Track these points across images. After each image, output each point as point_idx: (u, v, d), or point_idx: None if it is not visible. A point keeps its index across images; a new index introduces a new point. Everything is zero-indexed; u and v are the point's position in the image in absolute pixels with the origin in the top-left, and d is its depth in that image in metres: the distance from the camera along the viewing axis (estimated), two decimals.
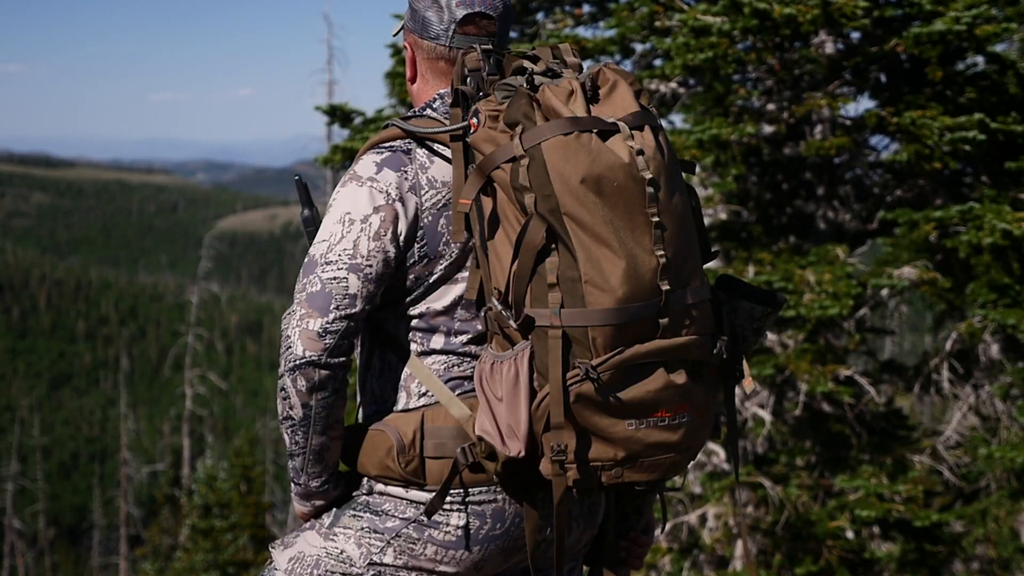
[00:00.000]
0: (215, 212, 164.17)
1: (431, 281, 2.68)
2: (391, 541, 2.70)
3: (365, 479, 2.79)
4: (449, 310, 2.70)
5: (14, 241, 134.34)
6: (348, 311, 2.60)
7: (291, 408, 2.63)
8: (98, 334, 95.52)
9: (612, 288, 2.39)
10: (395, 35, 3.03)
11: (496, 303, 2.51)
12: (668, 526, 9.53)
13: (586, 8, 10.80)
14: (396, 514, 2.71)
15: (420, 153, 2.70)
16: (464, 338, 2.71)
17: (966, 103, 8.56)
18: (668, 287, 2.42)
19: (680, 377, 2.47)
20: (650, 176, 2.42)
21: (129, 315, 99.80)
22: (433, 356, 2.72)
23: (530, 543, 2.66)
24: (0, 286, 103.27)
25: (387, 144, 2.72)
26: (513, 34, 11.24)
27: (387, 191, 2.64)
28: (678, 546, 9.70)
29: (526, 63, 2.64)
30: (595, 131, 2.44)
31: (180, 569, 24.97)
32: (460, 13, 2.75)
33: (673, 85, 9.64)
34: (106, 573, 45.44)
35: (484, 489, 2.68)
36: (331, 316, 2.58)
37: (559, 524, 2.52)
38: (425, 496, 2.70)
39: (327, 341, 2.58)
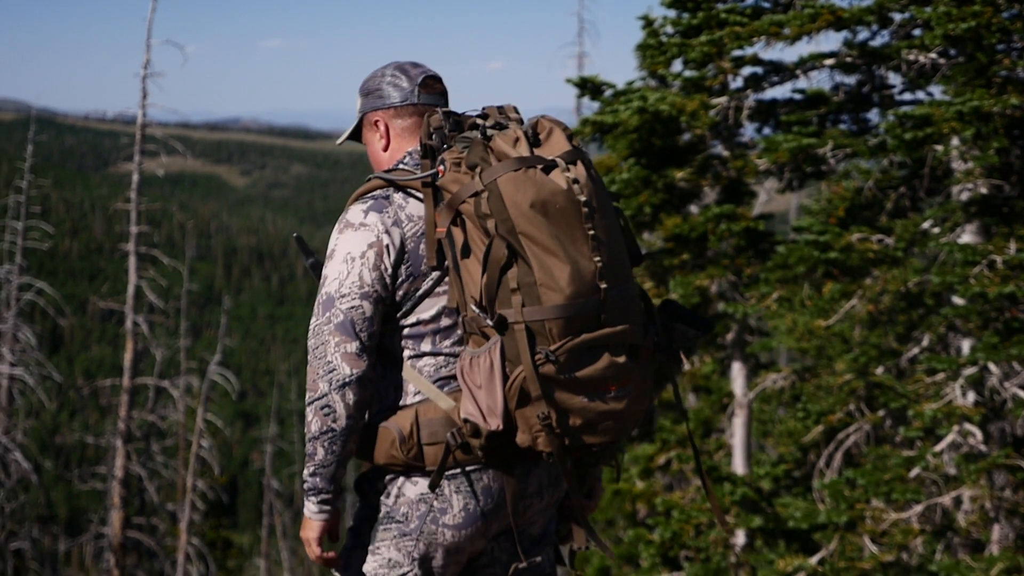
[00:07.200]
0: None
1: (417, 295, 3.31)
2: (419, 538, 3.32)
3: (381, 485, 3.39)
4: (435, 319, 3.33)
5: (274, 211, 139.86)
6: (369, 331, 3.25)
7: (335, 422, 3.23)
8: None
9: (561, 288, 3.02)
10: (340, 143, 3.73)
11: (474, 308, 3.11)
12: (921, 507, 9.37)
13: None
14: (414, 515, 3.33)
15: (397, 196, 3.36)
16: (448, 342, 3.34)
17: None
18: (605, 285, 3.06)
19: (622, 358, 3.11)
20: (584, 199, 3.07)
21: None
22: (425, 359, 3.33)
23: (511, 506, 3.29)
24: (261, 255, 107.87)
25: (369, 195, 3.38)
26: (766, 4, 11.12)
27: (375, 230, 3.29)
28: (931, 528, 9.53)
29: (478, 120, 3.32)
30: (539, 167, 3.09)
31: None
32: (419, 77, 3.49)
33: (933, 55, 9.41)
34: None
35: (472, 469, 3.29)
36: (363, 337, 3.23)
37: (568, 478, 3.16)
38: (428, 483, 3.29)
39: (365, 359, 3.23)
